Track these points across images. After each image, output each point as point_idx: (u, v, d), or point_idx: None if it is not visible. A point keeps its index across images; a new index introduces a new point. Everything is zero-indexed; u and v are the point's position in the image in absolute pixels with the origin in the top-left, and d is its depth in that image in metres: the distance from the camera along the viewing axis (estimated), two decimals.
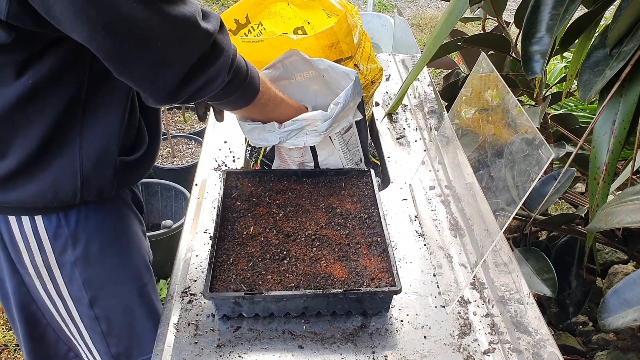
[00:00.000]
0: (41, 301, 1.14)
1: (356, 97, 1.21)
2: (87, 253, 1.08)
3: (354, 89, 1.19)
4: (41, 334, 1.21)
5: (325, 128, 1.17)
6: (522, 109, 0.97)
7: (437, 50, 1.51)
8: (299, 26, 1.67)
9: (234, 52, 0.94)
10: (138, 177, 1.13)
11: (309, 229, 1.11)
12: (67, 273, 1.09)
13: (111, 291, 1.14)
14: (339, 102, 1.17)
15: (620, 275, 1.82)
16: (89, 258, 1.09)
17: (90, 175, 1.00)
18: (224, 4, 5.10)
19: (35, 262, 1.07)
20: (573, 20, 1.40)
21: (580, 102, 2.58)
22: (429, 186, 1.34)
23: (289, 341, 0.96)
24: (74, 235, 1.06)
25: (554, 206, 2.58)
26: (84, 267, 1.09)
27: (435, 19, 5.04)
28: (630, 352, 1.54)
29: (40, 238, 1.05)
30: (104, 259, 1.11)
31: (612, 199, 1.15)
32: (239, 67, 0.96)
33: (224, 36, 0.91)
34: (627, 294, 0.97)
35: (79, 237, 1.07)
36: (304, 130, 1.18)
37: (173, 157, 2.76)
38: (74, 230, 1.06)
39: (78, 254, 1.07)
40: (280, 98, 1.14)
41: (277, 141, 1.18)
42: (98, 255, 1.10)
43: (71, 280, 1.10)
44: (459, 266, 1.12)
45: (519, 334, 0.98)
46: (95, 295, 1.12)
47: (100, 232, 1.09)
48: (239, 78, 0.98)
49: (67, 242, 1.06)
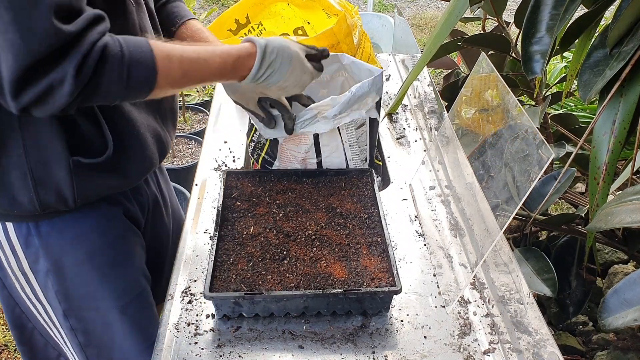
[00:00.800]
0: (24, 305, 1.13)
1: (374, 93, 1.22)
2: (61, 266, 1.06)
3: (372, 85, 1.20)
4: (29, 339, 1.19)
5: (333, 113, 1.18)
6: (522, 109, 0.97)
7: (437, 50, 1.51)
8: (299, 26, 1.67)
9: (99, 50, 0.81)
10: (110, 185, 1.06)
11: (309, 229, 1.11)
12: (42, 281, 1.07)
13: (88, 305, 1.11)
14: (351, 91, 1.18)
15: (620, 275, 1.82)
16: (62, 270, 1.06)
17: (42, 176, 0.96)
18: (224, 4, 5.10)
19: (11, 266, 1.06)
20: (573, 20, 1.40)
21: (580, 102, 2.58)
22: (429, 186, 1.34)
23: (289, 341, 0.96)
24: (46, 247, 1.04)
25: (554, 206, 2.58)
26: (56, 278, 1.06)
27: (435, 19, 5.04)
28: (630, 352, 1.54)
29: (13, 244, 1.03)
30: (80, 273, 1.08)
31: (612, 199, 1.15)
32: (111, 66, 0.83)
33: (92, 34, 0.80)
34: (627, 294, 0.97)
35: (51, 249, 1.04)
36: (316, 118, 1.19)
37: (173, 157, 2.76)
38: (45, 241, 1.04)
39: (50, 266, 1.05)
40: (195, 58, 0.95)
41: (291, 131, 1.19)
42: (73, 268, 1.07)
43: (45, 288, 1.08)
44: (459, 266, 1.12)
45: (519, 334, 0.98)
46: (69, 307, 1.10)
47: (76, 246, 1.06)
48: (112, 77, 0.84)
49: (38, 252, 1.04)
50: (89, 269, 1.09)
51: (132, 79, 0.85)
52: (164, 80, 0.90)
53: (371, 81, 1.20)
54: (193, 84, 0.99)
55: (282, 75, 1.04)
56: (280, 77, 1.04)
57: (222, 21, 1.62)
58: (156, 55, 0.88)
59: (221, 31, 1.61)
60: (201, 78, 0.97)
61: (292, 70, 1.05)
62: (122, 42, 0.85)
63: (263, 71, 1.02)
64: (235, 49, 1.00)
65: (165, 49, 0.90)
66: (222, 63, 0.98)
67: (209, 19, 3.80)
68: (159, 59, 0.88)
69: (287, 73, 1.05)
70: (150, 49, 0.88)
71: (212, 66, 0.97)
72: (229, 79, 1.02)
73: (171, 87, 0.94)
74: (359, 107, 1.21)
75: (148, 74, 0.87)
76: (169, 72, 0.90)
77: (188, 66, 0.93)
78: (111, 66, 0.82)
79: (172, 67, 0.91)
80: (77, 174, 0.99)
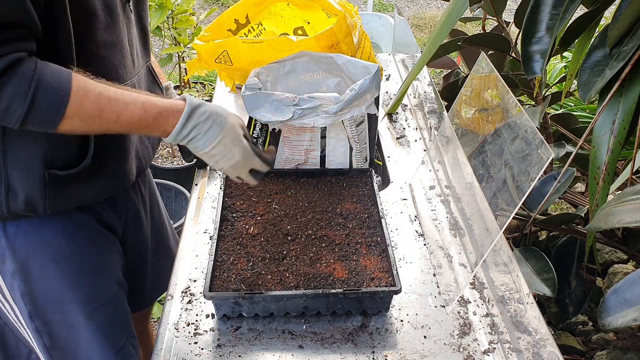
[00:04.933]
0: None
1: (373, 89, 1.22)
2: (26, 268, 1.05)
3: (372, 81, 1.21)
4: (1, 335, 1.19)
5: (335, 110, 1.18)
6: (522, 108, 0.97)
7: (437, 50, 1.51)
8: (298, 26, 1.67)
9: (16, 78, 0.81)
10: (83, 197, 1.05)
11: (308, 228, 1.11)
12: (9, 282, 1.07)
13: (53, 308, 1.10)
14: (354, 89, 1.18)
15: (620, 275, 1.82)
16: (27, 273, 1.06)
17: (15, 186, 0.96)
18: (223, 3, 5.10)
19: None
20: (573, 20, 1.40)
21: (580, 102, 2.58)
22: (429, 186, 1.34)
23: (289, 341, 0.96)
24: (12, 248, 1.03)
25: (554, 206, 2.58)
26: (22, 280, 1.06)
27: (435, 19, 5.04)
28: (630, 352, 1.54)
29: None
30: (46, 277, 1.07)
31: (612, 199, 1.15)
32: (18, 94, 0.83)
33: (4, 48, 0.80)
34: (627, 294, 0.97)
35: (17, 251, 1.04)
36: (316, 111, 1.18)
37: (173, 157, 2.76)
38: (12, 242, 1.03)
39: (16, 267, 1.05)
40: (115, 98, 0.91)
41: (291, 116, 1.18)
42: (38, 271, 1.06)
43: (12, 289, 1.07)
44: (459, 266, 1.12)
45: (519, 334, 0.98)
46: (34, 309, 1.09)
47: (42, 250, 1.05)
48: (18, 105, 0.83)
49: (5, 253, 1.04)
50: (54, 273, 1.08)
51: (37, 100, 0.82)
52: (75, 111, 0.86)
53: (371, 77, 1.20)
54: (107, 127, 0.92)
55: (208, 141, 0.98)
56: (206, 143, 0.98)
57: (221, 21, 1.62)
58: (73, 84, 0.85)
59: (221, 31, 1.61)
60: (117, 121, 0.91)
61: (222, 139, 0.99)
62: (39, 64, 0.84)
63: (187, 131, 0.96)
64: (163, 102, 0.96)
65: (86, 83, 0.87)
66: (143, 111, 0.93)
67: (208, 18, 3.80)
68: (75, 89, 0.85)
69: (216, 141, 0.98)
70: (69, 78, 0.85)
71: (131, 111, 0.92)
72: (151, 131, 0.96)
73: (82, 123, 0.89)
74: (359, 103, 1.22)
75: (56, 100, 0.84)
76: (81, 104, 0.86)
77: (105, 104, 0.89)
78: (17, 81, 0.81)
79: (86, 101, 0.87)
80: (50, 186, 0.99)
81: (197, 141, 0.98)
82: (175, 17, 2.58)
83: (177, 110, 0.95)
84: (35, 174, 0.97)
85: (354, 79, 1.32)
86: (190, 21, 2.61)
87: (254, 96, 1.20)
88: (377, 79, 1.23)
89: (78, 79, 0.87)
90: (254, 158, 1.05)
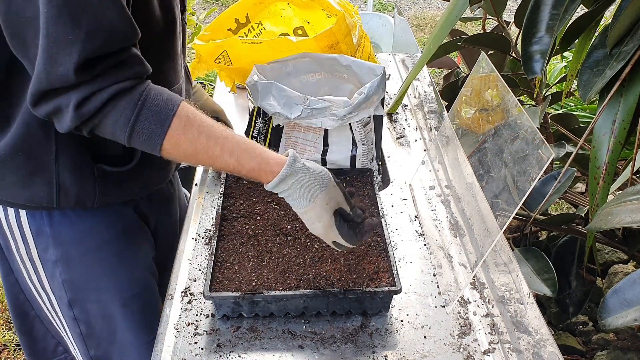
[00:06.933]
0: (29, 292, 1.15)
1: (380, 91, 1.23)
2: (68, 255, 1.08)
3: (380, 83, 1.21)
4: (30, 327, 1.21)
5: (344, 114, 1.19)
6: (522, 108, 0.97)
7: (437, 50, 1.51)
8: (298, 26, 1.67)
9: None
10: (130, 192, 1.10)
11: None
12: (50, 270, 1.09)
13: (91, 296, 1.13)
14: (362, 92, 1.19)
15: (620, 275, 1.82)
16: (69, 260, 1.08)
17: (66, 184, 0.99)
18: (223, 3, 5.10)
19: (20, 253, 1.08)
20: (573, 20, 1.40)
21: (580, 102, 2.58)
22: (429, 186, 1.34)
23: (289, 341, 0.96)
24: (57, 236, 1.06)
25: (554, 206, 2.58)
26: (64, 267, 1.08)
27: (435, 18, 5.04)
28: (630, 352, 1.54)
29: (24, 231, 1.05)
30: (87, 264, 1.10)
31: (612, 199, 1.14)
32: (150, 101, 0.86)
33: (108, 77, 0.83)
34: (627, 294, 0.97)
35: (61, 239, 1.06)
36: (325, 112, 1.19)
37: None
38: (57, 231, 1.05)
39: (59, 255, 1.07)
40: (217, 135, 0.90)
41: (299, 113, 1.18)
42: (80, 259, 1.09)
43: (52, 277, 1.10)
44: (459, 266, 1.12)
45: (519, 334, 0.98)
46: (74, 297, 1.12)
47: (84, 238, 1.08)
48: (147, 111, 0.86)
49: (49, 241, 1.06)
50: (95, 260, 1.11)
51: (135, 132, 0.85)
52: (171, 147, 0.87)
53: (379, 79, 1.21)
54: (202, 164, 0.94)
55: (296, 207, 0.95)
56: (295, 206, 0.95)
57: (221, 21, 1.62)
58: (175, 119, 0.86)
59: (221, 31, 1.61)
60: (214, 165, 0.92)
61: (307, 211, 0.95)
62: (147, 91, 0.85)
63: (279, 191, 0.93)
64: (259, 159, 0.91)
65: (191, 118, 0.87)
66: (237, 163, 0.91)
67: (208, 18, 3.80)
68: (174, 125, 0.86)
69: (302, 210, 0.95)
70: (174, 110, 0.86)
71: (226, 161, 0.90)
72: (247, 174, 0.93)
73: (177, 156, 0.90)
74: (367, 105, 1.22)
75: (154, 132, 0.86)
76: (177, 142, 0.87)
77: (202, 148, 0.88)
78: (120, 110, 0.84)
79: (185, 137, 0.87)
80: (100, 183, 1.02)
81: (288, 199, 0.95)
82: None
83: (270, 172, 0.91)
84: (85, 170, 1.00)
85: (359, 80, 1.32)
86: (190, 21, 2.62)
87: (267, 84, 1.20)
88: (384, 80, 1.24)
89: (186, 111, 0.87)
90: (336, 236, 0.98)
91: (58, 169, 0.98)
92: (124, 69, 0.84)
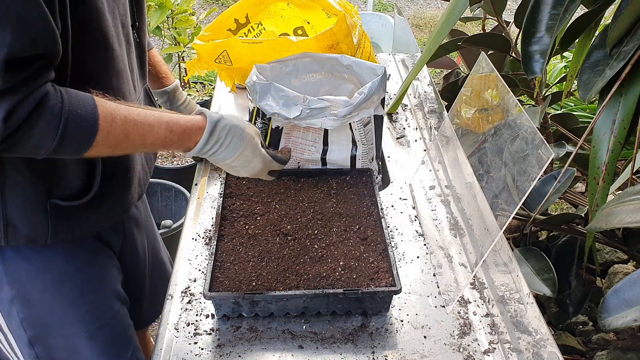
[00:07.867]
0: None
1: (381, 91, 1.23)
2: (25, 293, 1.02)
3: (380, 83, 1.21)
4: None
5: (344, 114, 1.18)
6: (522, 108, 0.97)
7: (436, 50, 1.51)
8: (298, 26, 1.67)
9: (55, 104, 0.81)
10: (86, 228, 1.04)
11: (309, 228, 1.11)
12: (6, 309, 1.04)
13: (54, 332, 1.08)
14: (363, 92, 1.19)
15: (620, 275, 1.82)
16: (27, 298, 1.03)
17: (15, 220, 0.94)
18: (223, 3, 5.10)
19: None
20: (573, 20, 1.40)
21: (580, 102, 2.58)
22: (429, 186, 1.34)
23: (289, 341, 0.96)
24: (10, 274, 1.00)
25: (554, 206, 2.58)
26: (22, 306, 1.03)
27: (435, 18, 5.04)
28: (630, 352, 1.54)
29: None
30: (47, 300, 1.05)
31: (612, 199, 1.15)
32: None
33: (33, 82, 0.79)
34: (627, 294, 0.97)
35: (15, 277, 1.01)
36: (325, 112, 1.19)
37: (173, 157, 2.76)
38: (10, 268, 1.00)
39: (15, 293, 1.02)
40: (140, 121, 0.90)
41: (298, 114, 1.18)
42: (39, 296, 1.04)
43: (9, 316, 1.04)
44: (459, 266, 1.12)
45: (519, 334, 0.98)
46: (35, 335, 1.06)
47: (41, 273, 1.03)
48: None
49: (2, 279, 1.01)
50: (56, 296, 1.05)
51: (68, 135, 0.82)
52: (103, 140, 0.85)
53: (380, 79, 1.21)
54: (133, 149, 0.95)
55: (229, 154, 1.01)
56: (227, 155, 1.01)
57: (221, 21, 1.62)
58: (100, 113, 0.84)
59: (221, 31, 1.61)
60: (143, 143, 0.92)
61: (242, 151, 1.01)
62: (63, 93, 0.82)
63: (209, 146, 0.98)
64: (185, 119, 0.96)
65: (110, 108, 0.86)
66: (168, 131, 0.93)
67: (208, 18, 3.80)
68: (102, 117, 0.84)
69: (236, 154, 1.01)
70: (94, 106, 0.84)
71: (157, 132, 0.92)
72: (173, 149, 0.98)
73: (108, 149, 0.89)
74: (367, 105, 1.22)
75: (86, 130, 0.83)
76: (109, 133, 0.86)
77: (131, 128, 0.89)
78: (47, 116, 0.80)
79: (113, 127, 0.86)
80: (54, 219, 0.97)
81: (219, 154, 1.00)
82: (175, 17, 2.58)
83: (199, 127, 0.97)
84: (37, 206, 0.95)
85: (359, 80, 1.32)
86: (190, 21, 2.61)
87: (266, 84, 1.20)
88: (384, 80, 1.24)
89: (102, 104, 0.86)
90: (272, 163, 1.09)
91: (5, 205, 0.93)
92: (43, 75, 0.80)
